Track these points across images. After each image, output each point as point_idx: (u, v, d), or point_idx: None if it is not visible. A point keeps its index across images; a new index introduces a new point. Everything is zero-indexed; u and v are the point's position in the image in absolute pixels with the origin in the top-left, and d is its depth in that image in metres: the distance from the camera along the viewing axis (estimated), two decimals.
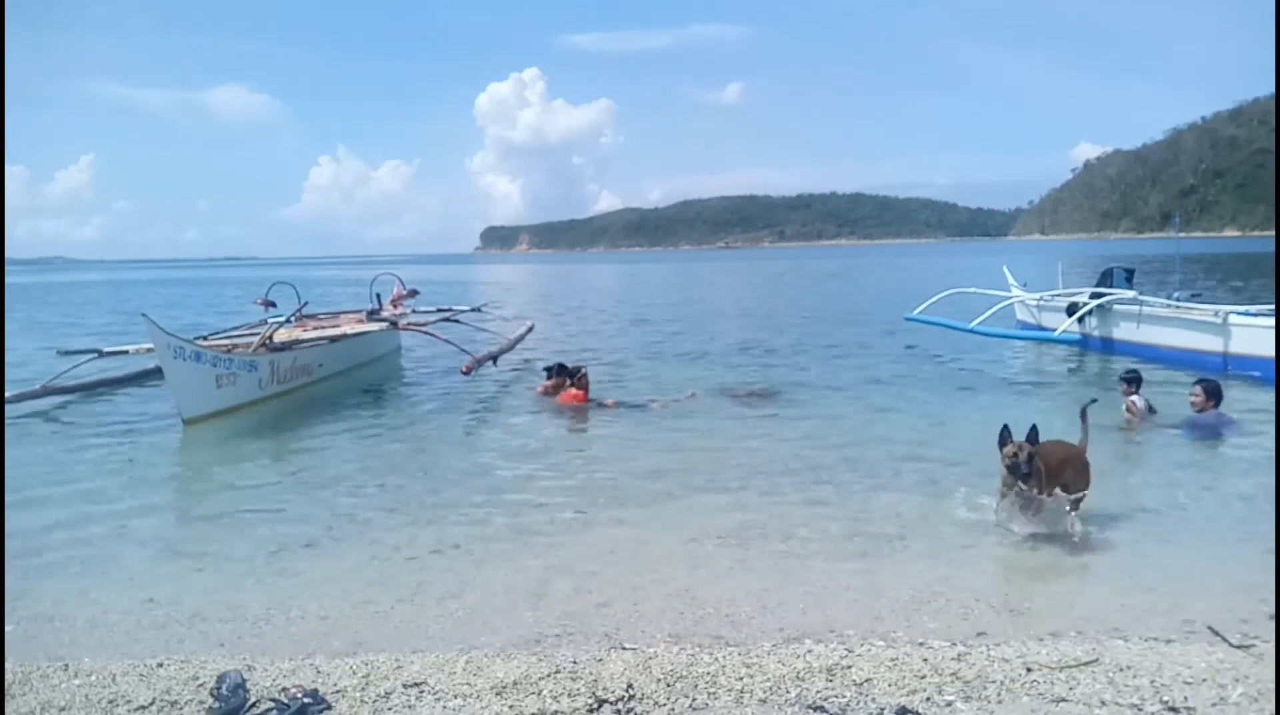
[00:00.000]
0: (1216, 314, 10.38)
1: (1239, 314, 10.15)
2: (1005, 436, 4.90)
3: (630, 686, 3.09)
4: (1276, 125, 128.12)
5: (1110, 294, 12.46)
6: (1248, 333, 9.81)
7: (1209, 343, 10.30)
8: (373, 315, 13.05)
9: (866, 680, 3.11)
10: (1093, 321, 12.33)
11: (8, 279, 45.89)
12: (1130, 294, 12.21)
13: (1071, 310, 12.53)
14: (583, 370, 9.50)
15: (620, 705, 2.96)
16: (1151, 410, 7.65)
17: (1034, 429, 4.89)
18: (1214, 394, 7.23)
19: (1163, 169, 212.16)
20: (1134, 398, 7.68)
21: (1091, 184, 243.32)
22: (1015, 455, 4.81)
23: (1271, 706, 2.85)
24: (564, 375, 9.63)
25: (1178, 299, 11.97)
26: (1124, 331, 11.93)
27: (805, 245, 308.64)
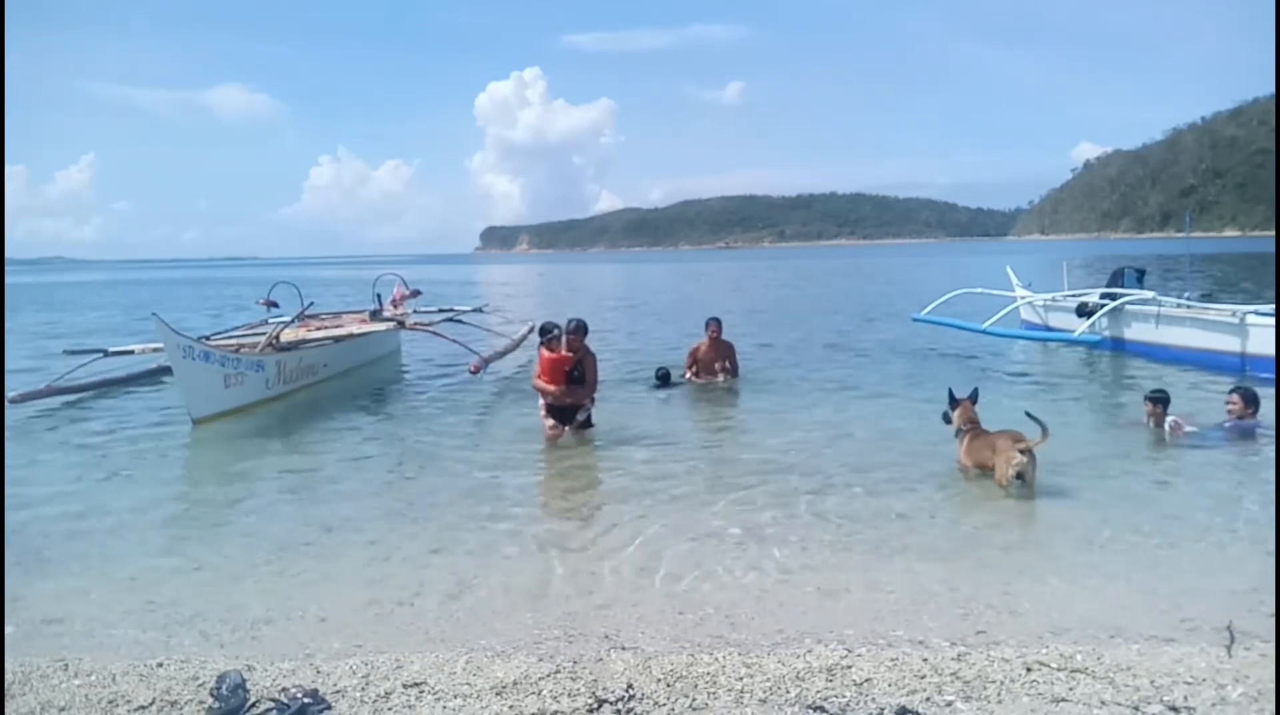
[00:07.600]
0: (1234, 314, 10.25)
1: (1256, 314, 9.99)
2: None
3: (630, 686, 3.09)
4: (1277, 125, 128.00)
5: (1127, 294, 12.25)
6: (1266, 333, 9.62)
7: (1226, 343, 10.16)
8: (375, 315, 13.05)
9: (866, 680, 3.11)
10: (1104, 322, 12.08)
11: (7, 279, 45.76)
12: (1149, 294, 12.00)
13: (1081, 310, 12.35)
14: (555, 331, 7.68)
15: (620, 705, 2.96)
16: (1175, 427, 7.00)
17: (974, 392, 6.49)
18: (1253, 401, 6.98)
19: (1163, 169, 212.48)
20: (1170, 419, 7.00)
21: (1091, 184, 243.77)
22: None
23: (1271, 706, 2.85)
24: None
25: (1188, 298, 11.86)
26: (1139, 332, 11.75)
27: (805, 245, 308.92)
